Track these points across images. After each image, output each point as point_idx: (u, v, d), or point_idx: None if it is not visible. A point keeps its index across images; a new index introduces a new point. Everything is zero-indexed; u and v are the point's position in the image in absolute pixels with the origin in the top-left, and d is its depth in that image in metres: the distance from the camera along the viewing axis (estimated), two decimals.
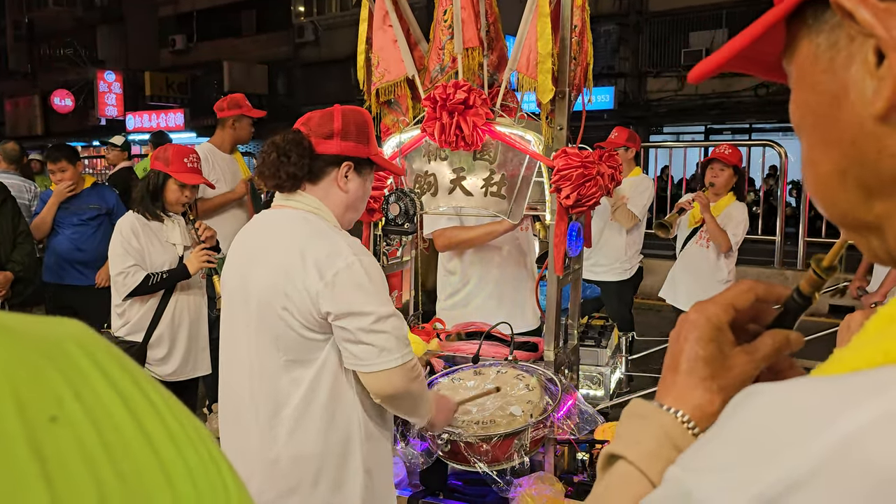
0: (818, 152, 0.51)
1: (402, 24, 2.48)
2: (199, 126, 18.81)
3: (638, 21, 14.97)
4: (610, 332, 3.05)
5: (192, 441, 0.34)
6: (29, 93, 25.12)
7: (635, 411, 0.65)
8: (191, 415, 0.37)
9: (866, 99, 0.45)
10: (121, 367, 0.34)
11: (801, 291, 0.64)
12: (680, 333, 0.65)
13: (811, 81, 0.50)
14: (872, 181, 0.47)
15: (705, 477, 0.43)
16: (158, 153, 3.15)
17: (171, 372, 3.12)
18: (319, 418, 1.69)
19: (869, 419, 0.36)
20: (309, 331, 1.66)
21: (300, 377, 1.69)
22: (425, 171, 2.47)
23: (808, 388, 0.41)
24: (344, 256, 1.63)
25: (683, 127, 15.79)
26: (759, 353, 0.63)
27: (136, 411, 0.32)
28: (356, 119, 1.79)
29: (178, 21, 22.39)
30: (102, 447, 0.29)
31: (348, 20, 17.18)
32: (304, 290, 1.62)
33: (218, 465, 0.35)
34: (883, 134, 0.45)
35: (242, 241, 1.84)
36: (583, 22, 2.20)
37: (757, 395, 0.44)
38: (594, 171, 2.15)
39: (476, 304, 2.88)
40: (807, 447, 0.38)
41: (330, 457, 1.71)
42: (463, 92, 2.21)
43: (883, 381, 0.38)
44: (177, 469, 0.32)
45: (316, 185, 1.76)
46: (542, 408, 2.04)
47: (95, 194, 4.65)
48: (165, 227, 3.10)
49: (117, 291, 3.01)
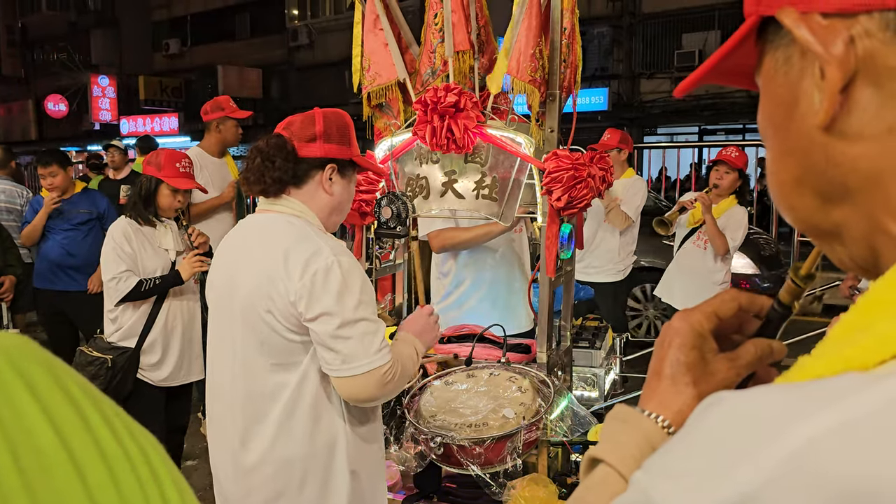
0: (778, 162, 0.52)
1: (394, 27, 2.48)
2: (194, 130, 18.77)
3: (631, 23, 15.01)
4: (604, 334, 3.06)
5: (130, 460, 0.32)
6: (22, 98, 25.06)
7: (618, 416, 0.66)
8: (140, 431, 0.35)
9: (814, 110, 0.47)
10: (56, 383, 0.32)
11: (781, 301, 0.65)
12: (664, 340, 0.66)
13: (771, 94, 0.52)
14: (826, 189, 0.48)
15: (665, 483, 0.44)
16: (150, 158, 3.14)
17: (165, 377, 3.11)
18: (305, 421, 1.69)
19: (825, 428, 0.37)
20: (292, 333, 1.65)
21: (285, 381, 1.68)
22: (417, 174, 2.47)
23: (767, 396, 0.42)
24: (324, 257, 1.62)
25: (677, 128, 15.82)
26: (741, 361, 0.64)
27: (63, 431, 0.30)
28: (337, 121, 1.80)
29: (171, 25, 22.37)
30: (17, 473, 0.27)
31: (342, 23, 17.19)
32: (285, 292, 1.62)
33: (161, 485, 0.33)
34: (827, 143, 0.47)
35: (229, 245, 1.84)
36: (572, 25, 2.21)
37: (718, 402, 0.44)
38: (585, 172, 2.16)
39: (469, 307, 2.88)
40: (763, 456, 0.38)
41: (315, 459, 1.71)
42: (454, 95, 2.21)
43: (839, 390, 0.38)
44: (104, 493, 0.30)
45: (300, 189, 1.77)
46: (534, 410, 2.04)
47: (86, 199, 4.63)
48: (158, 233, 3.09)
49: (110, 297, 3.00)
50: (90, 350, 3.02)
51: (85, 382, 0.34)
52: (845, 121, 0.46)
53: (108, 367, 2.95)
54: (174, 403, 3.20)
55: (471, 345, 2.41)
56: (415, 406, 2.14)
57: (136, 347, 3.02)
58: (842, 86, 0.45)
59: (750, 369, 0.65)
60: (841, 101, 0.45)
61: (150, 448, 0.34)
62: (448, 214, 2.63)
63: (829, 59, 0.45)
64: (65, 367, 0.33)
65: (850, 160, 0.46)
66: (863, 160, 0.45)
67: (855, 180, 0.46)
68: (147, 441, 0.34)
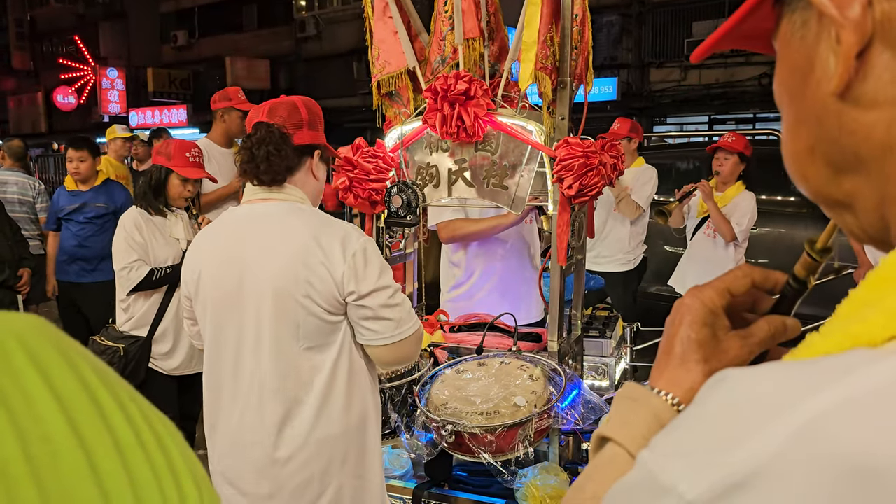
0: (792, 130, 0.51)
1: (403, 15, 2.47)
2: (202, 122, 18.81)
3: (640, 11, 14.89)
4: (614, 323, 3.05)
5: (144, 449, 0.31)
6: (32, 90, 25.16)
7: (627, 394, 0.65)
8: (158, 418, 0.34)
9: (829, 77, 0.45)
10: (70, 368, 0.31)
11: (797, 276, 0.63)
12: (675, 317, 0.64)
13: (787, 59, 0.50)
14: (838, 158, 0.47)
15: (671, 461, 0.43)
16: (160, 148, 3.15)
17: (177, 366, 3.13)
18: (342, 399, 1.75)
19: (831, 404, 0.36)
20: (330, 314, 1.71)
21: (321, 362, 1.73)
22: (427, 162, 2.46)
23: (774, 373, 0.41)
24: (355, 238, 1.72)
25: (687, 117, 15.72)
26: (754, 339, 0.63)
27: (75, 419, 0.29)
28: (315, 108, 1.89)
29: (179, 17, 22.37)
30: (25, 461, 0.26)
31: (350, 14, 17.14)
32: (328, 275, 1.67)
33: (176, 475, 0.32)
34: (841, 111, 0.45)
35: (222, 237, 1.81)
36: (583, 11, 2.19)
37: (724, 380, 0.43)
38: (596, 160, 2.14)
39: (480, 298, 2.88)
40: (769, 433, 0.37)
41: (352, 434, 1.78)
42: (464, 83, 2.20)
43: (847, 366, 0.38)
44: (115, 482, 0.29)
45: (294, 176, 1.82)
46: (546, 398, 2.04)
47: (104, 193, 4.68)
48: (168, 222, 3.10)
49: (121, 286, 3.02)
50: (102, 339, 3.03)
51: (102, 366, 0.33)
52: (860, 87, 0.44)
53: (121, 355, 2.97)
54: (186, 392, 3.21)
55: (481, 333, 2.41)
56: (426, 394, 2.14)
57: (148, 336, 3.04)
58: (857, 51, 0.43)
59: (763, 347, 0.63)
60: (856, 66, 0.44)
61: (168, 436, 0.33)
62: (458, 203, 2.62)
63: (845, 23, 0.43)
64: (81, 350, 0.33)
65: (863, 128, 0.45)
66: (877, 128, 0.44)
67: (868, 149, 0.45)
68: (165, 428, 0.34)
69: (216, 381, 1.82)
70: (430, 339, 2.50)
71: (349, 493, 1.79)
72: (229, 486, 1.81)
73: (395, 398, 2.19)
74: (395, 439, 2.22)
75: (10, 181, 5.31)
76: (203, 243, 1.85)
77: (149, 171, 3.15)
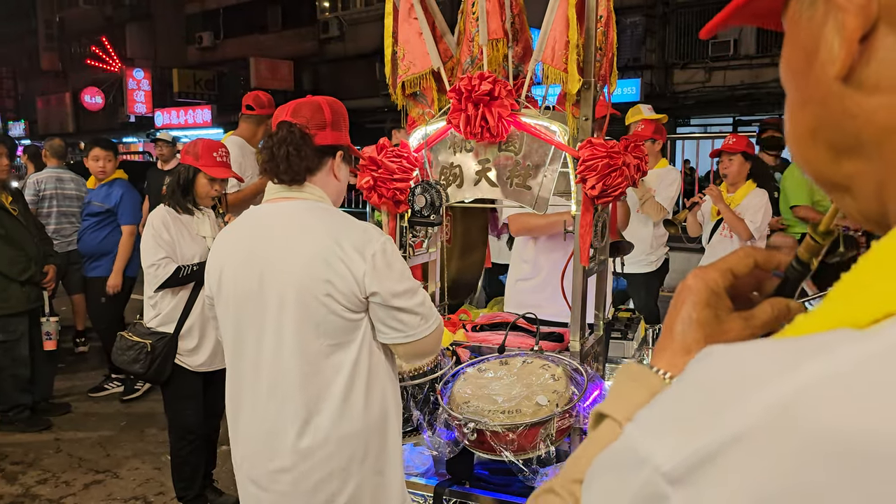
0: (796, 112, 0.51)
1: (428, 16, 2.48)
2: (227, 122, 18.98)
3: (664, 12, 14.77)
4: (636, 325, 3.04)
5: None
6: (60, 91, 25.58)
7: (627, 373, 0.66)
8: None
9: (832, 59, 0.45)
10: None
11: (800, 258, 0.64)
12: (678, 298, 0.65)
13: (794, 39, 0.50)
14: (839, 141, 0.47)
15: (649, 433, 0.43)
16: (188, 147, 3.21)
17: (202, 363, 3.18)
18: (362, 396, 1.76)
19: (811, 379, 0.36)
20: (350, 312, 1.72)
21: (342, 359, 1.74)
22: (451, 162, 2.48)
23: (757, 349, 0.41)
24: (375, 238, 1.72)
25: (711, 119, 15.58)
26: (756, 320, 0.63)
27: None
28: (339, 109, 1.89)
29: (204, 18, 22.60)
30: None
31: (373, 15, 17.20)
32: (349, 274, 1.68)
33: None
34: (843, 94, 0.45)
35: (243, 237, 1.83)
36: (608, 12, 2.19)
37: (709, 355, 0.43)
38: (620, 161, 2.15)
39: (546, 295, 2.92)
40: (747, 405, 0.37)
41: (373, 430, 1.79)
42: (488, 83, 2.21)
43: (828, 343, 0.38)
44: None
45: (315, 176, 1.83)
46: (567, 397, 2.04)
47: (103, 192, 5.03)
48: (196, 220, 3.16)
49: (149, 283, 3.08)
50: (130, 335, 3.09)
51: None
52: (863, 71, 0.44)
53: (148, 351, 3.02)
54: (211, 388, 3.25)
55: (503, 333, 2.42)
56: (448, 392, 2.16)
57: (175, 333, 3.09)
58: (861, 34, 0.43)
59: (765, 329, 0.63)
60: (860, 50, 0.43)
61: None
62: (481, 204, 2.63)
63: (849, 6, 0.43)
64: None
65: (866, 112, 0.44)
66: (879, 113, 0.44)
67: (869, 133, 0.45)
68: None
69: (238, 379, 1.84)
70: (453, 337, 2.51)
71: (369, 489, 1.79)
72: (251, 483, 1.83)
73: (418, 396, 2.21)
74: (417, 437, 2.23)
75: (66, 178, 5.68)
76: (224, 242, 1.87)
77: (177, 171, 3.20)
